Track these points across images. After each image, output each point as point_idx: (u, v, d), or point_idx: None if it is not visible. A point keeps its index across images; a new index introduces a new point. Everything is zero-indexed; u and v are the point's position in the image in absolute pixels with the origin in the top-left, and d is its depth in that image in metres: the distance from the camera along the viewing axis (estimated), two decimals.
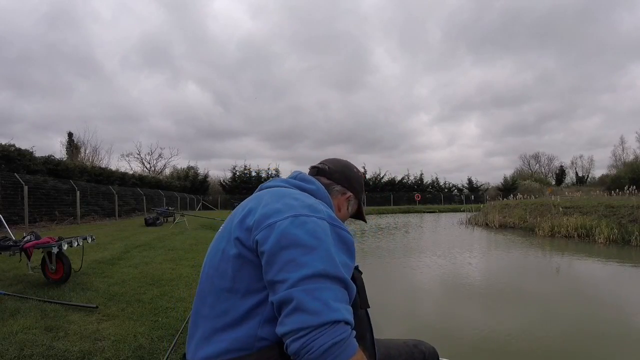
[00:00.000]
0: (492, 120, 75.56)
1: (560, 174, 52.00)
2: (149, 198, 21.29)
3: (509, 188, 41.14)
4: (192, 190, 35.91)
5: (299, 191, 1.00)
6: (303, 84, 75.43)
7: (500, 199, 25.22)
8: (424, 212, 32.31)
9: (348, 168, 1.18)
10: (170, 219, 13.99)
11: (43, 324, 2.59)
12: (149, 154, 39.95)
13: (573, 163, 52.77)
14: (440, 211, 33.35)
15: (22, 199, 10.64)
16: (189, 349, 0.92)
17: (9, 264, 4.49)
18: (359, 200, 1.20)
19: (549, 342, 3.31)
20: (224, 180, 41.38)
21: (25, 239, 3.71)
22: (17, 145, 12.74)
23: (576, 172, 51.91)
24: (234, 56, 75.03)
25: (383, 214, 29.41)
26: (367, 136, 69.34)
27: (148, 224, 12.10)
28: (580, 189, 28.17)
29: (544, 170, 54.17)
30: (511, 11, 74.50)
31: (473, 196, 40.80)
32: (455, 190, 47.92)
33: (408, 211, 33.22)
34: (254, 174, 40.06)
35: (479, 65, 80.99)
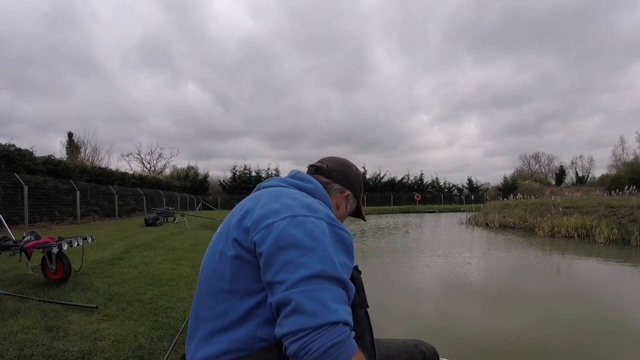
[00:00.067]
0: (492, 120, 75.62)
1: (560, 174, 51.99)
2: (149, 198, 21.29)
3: (509, 188, 41.13)
4: (192, 190, 35.91)
5: (297, 191, 0.99)
6: (303, 84, 75.50)
7: (500, 199, 25.23)
8: (424, 212, 32.30)
9: (346, 166, 1.18)
10: (170, 219, 14.00)
11: (43, 324, 2.59)
12: (149, 154, 40.01)
13: (573, 163, 52.86)
14: (440, 211, 33.34)
15: (22, 199, 10.65)
16: (189, 350, 0.92)
17: (9, 264, 4.49)
18: (357, 198, 1.19)
19: (549, 342, 3.31)
20: (224, 180, 41.39)
21: (25, 239, 3.71)
22: (17, 145, 12.78)
23: (576, 172, 51.98)
24: (234, 56, 75.10)
25: (383, 214, 29.40)
26: (367, 136, 69.41)
27: (148, 224, 12.10)
28: (580, 189, 28.17)
29: (544, 170, 54.23)
30: (511, 11, 74.56)
31: (473, 196, 40.78)
32: (455, 190, 47.91)
33: (408, 211, 33.21)
34: (254, 174, 40.08)
35: (479, 65, 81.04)
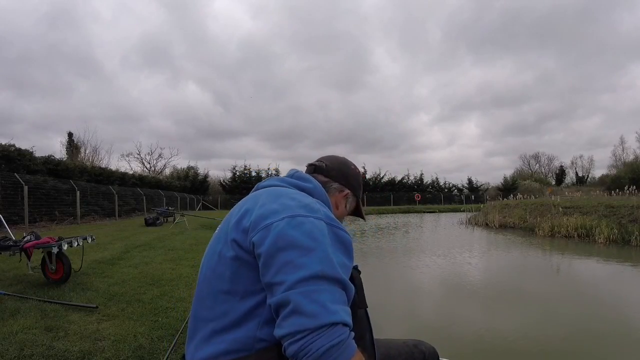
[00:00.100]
0: (492, 120, 75.62)
1: (560, 174, 51.98)
2: (149, 198, 21.30)
3: (509, 188, 41.12)
4: (192, 190, 35.92)
5: (296, 190, 0.99)
6: (303, 84, 75.52)
7: (500, 199, 25.20)
8: (424, 212, 32.29)
9: (345, 165, 1.17)
10: (170, 219, 14.00)
11: (43, 324, 2.59)
12: (149, 154, 40.03)
13: (573, 163, 52.85)
14: (440, 211, 33.33)
15: (22, 199, 10.65)
16: (188, 350, 0.92)
17: (9, 264, 4.49)
18: (357, 197, 1.19)
19: (549, 342, 3.31)
20: (224, 180, 41.39)
21: (25, 239, 3.71)
22: (17, 145, 12.79)
23: (576, 172, 51.97)
24: (234, 56, 75.15)
25: (383, 214, 29.38)
26: (367, 136, 69.40)
27: (148, 224, 12.11)
28: (580, 189, 28.15)
29: (544, 170, 54.23)
30: (511, 11, 74.58)
31: (473, 196, 40.75)
32: (455, 190, 47.89)
33: (408, 211, 33.20)
34: (254, 174, 40.05)
35: (479, 65, 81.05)
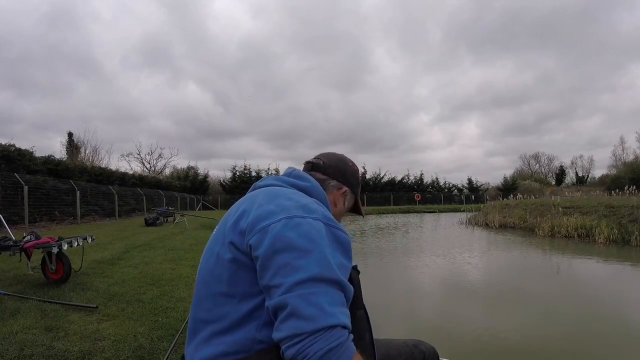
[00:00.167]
0: (492, 120, 75.63)
1: (560, 174, 51.97)
2: (149, 198, 21.30)
3: (509, 188, 41.11)
4: (192, 190, 35.93)
5: (293, 190, 0.97)
6: (303, 84, 75.55)
7: (500, 199, 25.19)
8: (424, 212, 32.29)
9: (343, 162, 1.16)
10: (170, 219, 14.01)
11: (43, 324, 2.60)
12: (149, 154, 40.07)
13: (573, 163, 52.84)
14: (440, 211, 33.33)
15: (22, 199, 10.65)
16: (188, 351, 0.92)
17: (9, 264, 4.49)
18: (355, 194, 1.17)
19: (549, 342, 3.31)
20: (224, 180, 41.40)
21: (25, 239, 3.71)
22: (17, 145, 12.80)
23: (576, 172, 51.95)
24: (234, 56, 75.18)
25: (383, 214, 29.39)
26: (367, 136, 69.43)
27: (148, 224, 12.11)
28: (580, 189, 28.14)
29: (544, 170, 54.22)
30: (511, 11, 74.60)
31: (473, 196, 40.70)
32: (455, 190, 47.86)
33: (408, 211, 33.20)
34: (254, 174, 40.00)
35: (479, 65, 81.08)
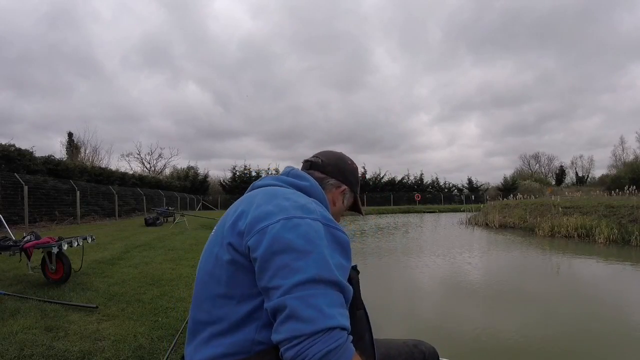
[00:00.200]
0: (492, 120, 75.62)
1: (560, 174, 51.96)
2: (149, 198, 21.31)
3: (509, 188, 41.11)
4: (192, 190, 35.94)
5: (291, 190, 0.97)
6: (303, 84, 75.56)
7: (500, 199, 25.19)
8: (424, 212, 32.27)
9: (342, 160, 1.15)
10: (170, 219, 14.02)
11: (43, 324, 2.60)
12: (149, 154, 40.12)
13: (573, 163, 52.84)
14: (440, 211, 33.31)
15: (22, 199, 10.66)
16: (187, 352, 0.92)
17: (9, 264, 4.50)
18: (354, 193, 1.17)
19: (549, 342, 3.31)
20: (224, 180, 41.42)
21: (25, 239, 3.71)
22: (17, 145, 12.82)
23: (576, 172, 51.95)
24: (234, 56, 75.20)
25: (383, 214, 29.38)
26: (367, 136, 69.42)
27: (148, 224, 12.11)
28: (580, 189, 28.14)
29: (544, 170, 54.21)
30: (511, 11, 74.62)
31: (473, 196, 40.68)
32: (455, 190, 47.85)
33: (408, 211, 33.19)
34: (254, 174, 39.98)
35: (479, 65, 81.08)
